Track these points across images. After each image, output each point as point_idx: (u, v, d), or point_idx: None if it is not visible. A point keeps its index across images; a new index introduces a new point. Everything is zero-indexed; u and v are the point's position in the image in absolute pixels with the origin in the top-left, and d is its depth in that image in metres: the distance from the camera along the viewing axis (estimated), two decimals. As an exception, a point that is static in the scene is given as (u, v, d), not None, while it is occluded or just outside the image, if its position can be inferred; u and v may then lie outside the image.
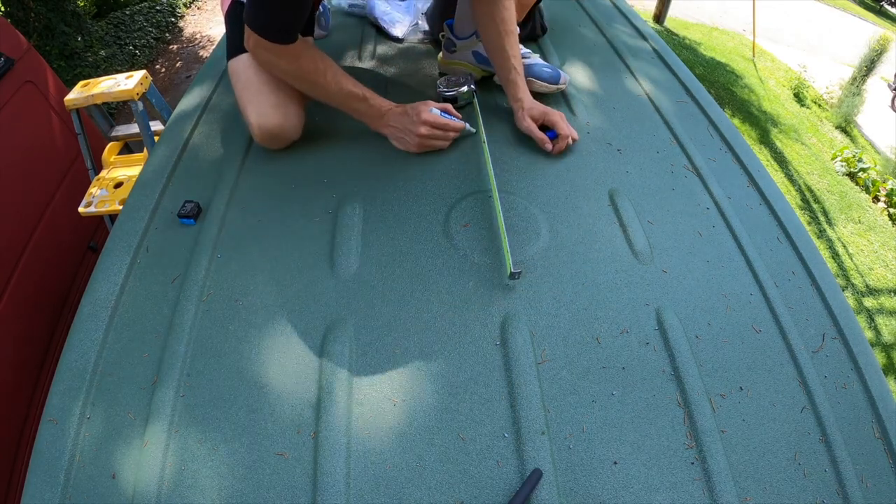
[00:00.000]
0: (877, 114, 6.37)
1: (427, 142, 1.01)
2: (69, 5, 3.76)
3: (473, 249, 0.86)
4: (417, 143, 1.01)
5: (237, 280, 0.82)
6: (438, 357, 0.73)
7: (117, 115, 3.67)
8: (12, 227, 1.53)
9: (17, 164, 1.59)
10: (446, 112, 1.03)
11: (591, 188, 0.98)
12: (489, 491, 0.61)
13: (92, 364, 0.72)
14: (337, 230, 0.89)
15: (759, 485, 0.63)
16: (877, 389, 0.73)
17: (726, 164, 1.06)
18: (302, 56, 0.95)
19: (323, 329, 0.76)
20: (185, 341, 0.74)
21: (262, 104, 0.98)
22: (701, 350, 0.75)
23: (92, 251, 1.85)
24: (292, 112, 1.01)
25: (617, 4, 1.62)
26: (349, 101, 1.01)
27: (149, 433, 0.65)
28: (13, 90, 1.62)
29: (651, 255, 0.87)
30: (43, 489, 0.62)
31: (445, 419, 0.67)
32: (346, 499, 0.60)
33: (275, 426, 0.66)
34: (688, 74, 1.29)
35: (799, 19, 8.47)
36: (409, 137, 1.01)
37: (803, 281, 0.86)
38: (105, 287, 0.81)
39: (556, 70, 1.17)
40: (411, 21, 1.47)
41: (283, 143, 1.03)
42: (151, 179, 0.99)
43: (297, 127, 1.03)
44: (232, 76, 1.04)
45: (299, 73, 0.97)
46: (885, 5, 11.70)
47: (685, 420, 0.68)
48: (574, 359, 0.73)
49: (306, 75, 0.97)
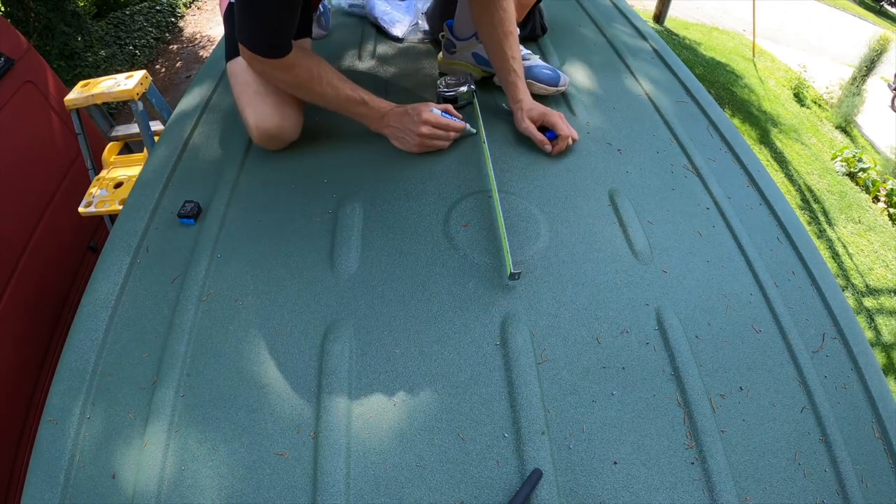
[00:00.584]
0: (877, 114, 6.37)
1: (428, 141, 1.01)
2: (69, 5, 3.77)
3: (473, 249, 0.86)
4: (418, 143, 1.01)
5: (237, 280, 0.82)
6: (438, 357, 0.73)
7: (117, 115, 3.67)
8: (12, 227, 1.53)
9: (17, 164, 1.59)
10: (447, 112, 1.03)
11: (591, 188, 0.98)
12: (489, 491, 0.61)
13: (92, 364, 0.72)
14: (337, 230, 0.89)
15: (759, 485, 0.63)
16: (877, 389, 0.73)
17: (726, 164, 1.06)
18: (296, 65, 0.95)
19: (323, 329, 0.76)
20: (185, 341, 0.74)
21: (261, 105, 0.98)
22: (701, 350, 0.75)
23: (92, 251, 1.85)
24: (291, 113, 1.01)
25: (617, 4, 1.62)
26: (348, 106, 1.01)
27: (149, 433, 0.65)
28: (13, 90, 1.62)
29: (651, 255, 0.87)
30: (43, 489, 0.62)
31: (445, 419, 0.67)
32: (346, 499, 0.60)
33: (275, 426, 0.66)
34: (688, 74, 1.29)
35: (799, 19, 8.47)
36: (409, 137, 1.01)
37: (803, 281, 0.86)
38: (105, 287, 0.81)
39: (556, 72, 1.17)
40: (411, 21, 1.47)
41: (282, 144, 1.03)
42: (151, 179, 0.99)
43: (295, 128, 1.03)
44: (231, 77, 1.05)
45: (295, 82, 0.97)
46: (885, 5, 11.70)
47: (685, 420, 0.68)
48: (574, 359, 0.73)
49: (302, 84, 0.97)
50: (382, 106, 1.02)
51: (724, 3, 7.72)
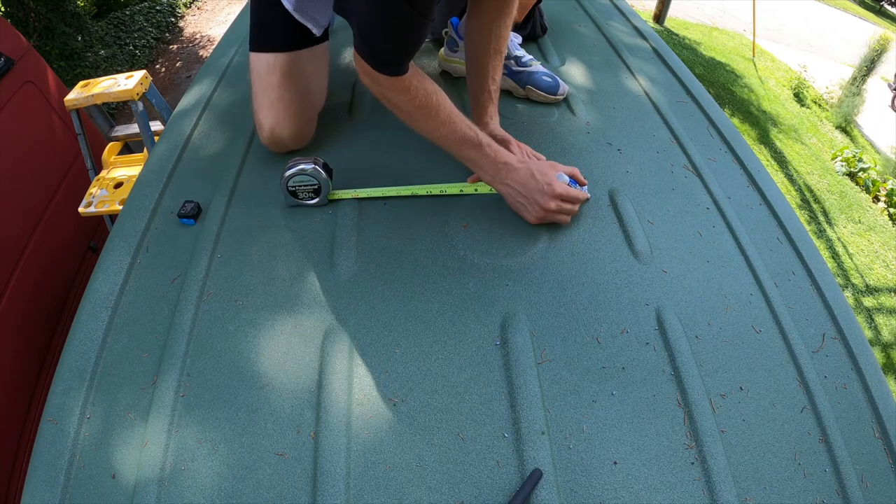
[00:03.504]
0: (877, 114, 6.37)
1: (553, 216, 0.88)
2: (69, 5, 3.77)
3: (473, 249, 0.86)
4: (541, 217, 0.88)
5: (237, 280, 0.82)
6: (438, 357, 0.73)
7: (117, 115, 3.67)
8: (12, 227, 1.53)
9: (17, 164, 1.59)
10: (574, 179, 0.92)
11: (592, 188, 0.98)
12: (489, 491, 0.61)
13: (92, 364, 0.72)
14: (337, 230, 0.89)
15: (759, 485, 0.63)
16: (877, 389, 0.73)
17: (726, 164, 1.06)
18: (413, 88, 0.84)
19: (323, 329, 0.76)
20: (185, 341, 0.74)
21: (281, 112, 0.98)
22: (701, 350, 0.75)
23: (92, 251, 1.85)
24: (308, 124, 1.01)
25: (617, 4, 1.62)
26: (462, 147, 0.88)
27: (149, 433, 0.65)
28: (13, 90, 1.62)
29: (651, 255, 0.87)
30: (43, 489, 0.62)
31: (445, 419, 0.67)
32: (346, 499, 0.60)
33: (275, 426, 0.66)
34: (688, 74, 1.29)
35: (799, 19, 8.47)
36: (532, 208, 0.87)
37: (803, 281, 0.86)
38: (105, 287, 0.81)
39: (556, 80, 1.17)
40: (411, 21, 1.46)
41: (290, 150, 1.04)
42: (151, 179, 0.99)
43: (309, 138, 1.04)
44: (253, 73, 1.01)
45: (410, 107, 0.86)
46: (885, 5, 11.71)
47: (685, 420, 0.68)
48: (574, 359, 0.73)
49: (417, 111, 0.86)
50: (499, 155, 0.89)
51: (724, 3, 7.72)
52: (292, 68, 0.99)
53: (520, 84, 1.18)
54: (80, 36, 3.89)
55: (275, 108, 0.98)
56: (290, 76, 0.99)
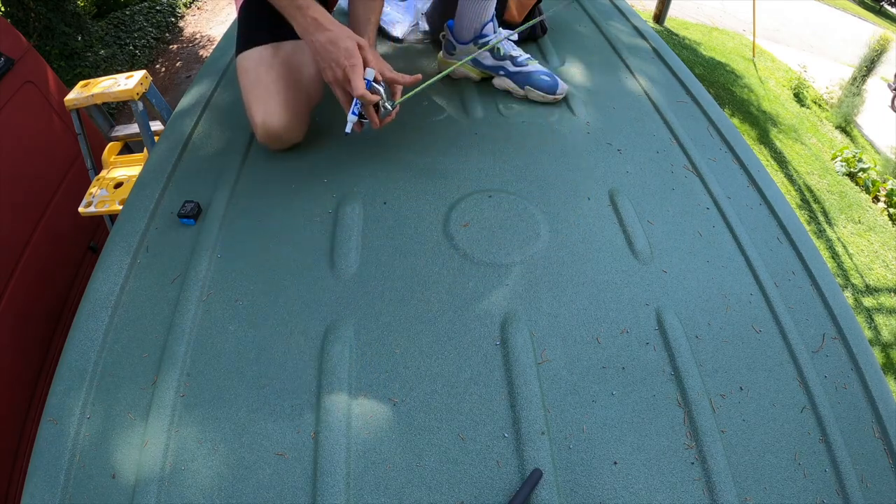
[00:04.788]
0: (877, 114, 6.37)
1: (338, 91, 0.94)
2: (69, 5, 3.77)
3: (473, 249, 0.86)
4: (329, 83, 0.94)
5: (237, 280, 0.82)
6: (438, 357, 0.73)
7: (117, 115, 3.67)
8: (12, 227, 1.53)
9: (17, 164, 1.59)
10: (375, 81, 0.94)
11: (591, 188, 0.98)
12: (489, 491, 0.61)
13: (92, 364, 0.72)
14: (337, 230, 0.89)
15: (759, 485, 0.63)
16: (877, 389, 0.73)
17: (726, 164, 1.06)
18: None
19: (323, 329, 0.76)
20: (185, 341, 0.74)
21: (270, 103, 0.97)
22: (701, 350, 0.75)
23: (92, 251, 1.85)
24: (298, 114, 1.00)
25: (617, 4, 1.62)
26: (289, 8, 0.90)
27: (149, 433, 0.65)
28: (13, 90, 1.62)
29: (651, 255, 0.87)
30: (43, 489, 0.62)
31: (445, 419, 0.67)
32: (346, 499, 0.60)
33: (275, 426, 0.66)
34: (688, 74, 1.29)
35: (799, 19, 8.47)
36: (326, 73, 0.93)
37: (803, 281, 0.86)
38: (105, 287, 0.81)
39: (554, 79, 1.17)
40: (411, 21, 1.47)
41: (286, 144, 1.03)
42: (151, 179, 0.99)
43: (302, 129, 1.02)
44: (240, 72, 1.02)
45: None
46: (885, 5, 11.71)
47: (685, 420, 0.68)
48: (574, 359, 0.73)
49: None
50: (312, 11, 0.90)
51: (724, 3, 7.71)
52: (278, 58, 1.00)
53: (518, 84, 1.18)
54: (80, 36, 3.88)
55: (264, 100, 0.97)
56: (276, 66, 0.99)
